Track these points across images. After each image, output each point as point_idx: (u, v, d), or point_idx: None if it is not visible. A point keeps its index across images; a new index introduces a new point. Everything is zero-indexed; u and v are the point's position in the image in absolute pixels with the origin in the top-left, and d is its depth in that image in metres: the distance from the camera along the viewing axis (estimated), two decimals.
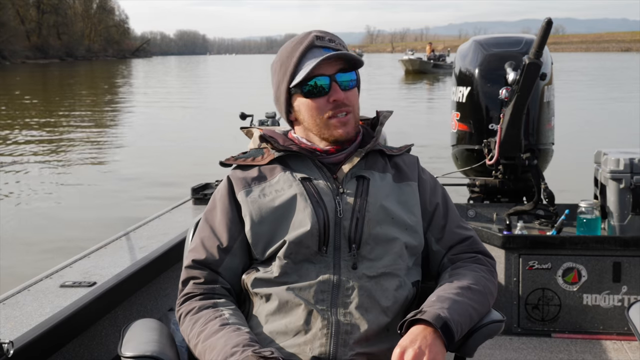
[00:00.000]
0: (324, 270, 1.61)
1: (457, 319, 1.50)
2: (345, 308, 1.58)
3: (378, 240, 1.64)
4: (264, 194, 1.68)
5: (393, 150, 1.81)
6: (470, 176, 4.29)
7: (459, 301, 1.55)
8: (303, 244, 1.61)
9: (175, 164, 11.62)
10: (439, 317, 1.47)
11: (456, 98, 4.26)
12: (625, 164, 3.57)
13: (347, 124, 1.69)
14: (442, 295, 1.57)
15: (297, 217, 1.63)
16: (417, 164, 1.82)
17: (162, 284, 2.92)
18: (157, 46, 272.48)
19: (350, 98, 1.69)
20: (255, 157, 1.76)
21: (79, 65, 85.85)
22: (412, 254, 1.70)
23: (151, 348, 1.56)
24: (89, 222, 7.77)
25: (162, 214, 3.57)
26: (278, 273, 1.62)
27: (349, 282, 1.59)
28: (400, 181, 1.74)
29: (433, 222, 1.75)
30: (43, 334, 2.03)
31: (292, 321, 1.58)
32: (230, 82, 40.48)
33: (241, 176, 1.73)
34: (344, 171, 1.71)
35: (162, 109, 22.15)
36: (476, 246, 1.76)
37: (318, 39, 1.68)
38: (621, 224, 3.63)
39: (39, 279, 2.51)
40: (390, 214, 1.66)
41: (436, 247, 1.75)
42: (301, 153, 1.72)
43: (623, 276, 3.41)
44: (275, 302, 1.61)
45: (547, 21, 3.40)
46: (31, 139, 15.08)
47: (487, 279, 1.67)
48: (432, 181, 1.81)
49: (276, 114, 3.92)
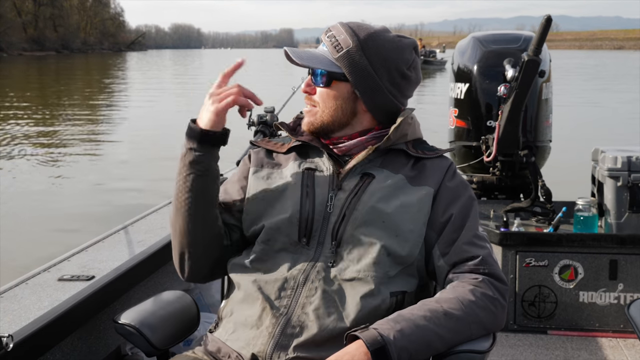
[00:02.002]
0: (300, 263, 1.58)
1: (404, 345, 1.36)
2: (303, 309, 1.52)
3: (357, 242, 1.57)
4: (269, 176, 1.73)
5: (420, 152, 1.70)
6: (467, 173, 4.29)
7: (420, 325, 1.41)
8: (281, 231, 1.61)
9: (173, 157, 11.58)
10: (376, 340, 1.35)
11: (454, 94, 4.26)
12: (622, 162, 3.58)
13: (309, 114, 1.72)
14: (404, 314, 1.44)
15: (282, 204, 1.65)
16: (446, 170, 1.68)
17: (160, 278, 2.91)
18: (151, 39, 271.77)
19: (321, 93, 1.70)
20: (281, 143, 1.80)
21: (75, 58, 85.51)
22: (398, 262, 1.57)
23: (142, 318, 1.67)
24: (84, 215, 7.76)
25: (160, 207, 3.56)
26: (253, 257, 1.63)
27: (317, 281, 1.54)
28: (415, 184, 1.63)
29: (443, 235, 1.60)
30: (42, 328, 2.02)
31: (248, 313, 1.57)
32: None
33: (260, 156, 1.79)
34: (350, 166, 1.67)
35: (159, 101, 22.11)
36: (484, 267, 1.56)
37: (326, 32, 1.72)
38: (618, 221, 3.64)
39: (37, 272, 2.50)
40: (382, 217, 1.58)
41: (440, 262, 1.59)
42: (312, 144, 1.73)
43: (619, 274, 3.42)
44: (242, 291, 1.62)
45: (547, 18, 3.40)
46: (28, 132, 15.02)
47: (478, 306, 1.48)
48: (457, 191, 1.65)
49: (275, 108, 3.89)
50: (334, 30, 1.70)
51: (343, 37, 1.68)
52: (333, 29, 1.71)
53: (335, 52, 1.67)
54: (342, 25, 1.70)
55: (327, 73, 1.68)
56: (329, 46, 1.69)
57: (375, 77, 1.66)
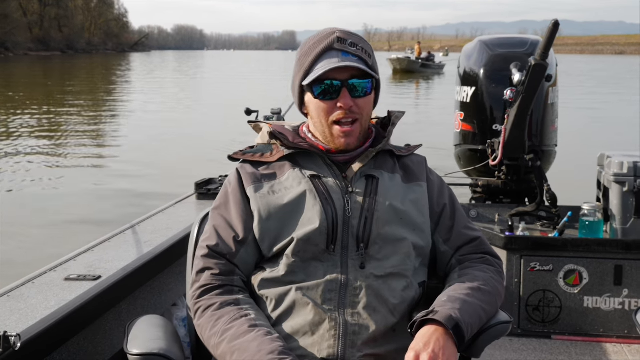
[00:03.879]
0: (331, 269, 1.60)
1: (467, 320, 1.49)
2: (353, 308, 1.56)
3: (386, 240, 1.63)
4: (273, 190, 1.67)
5: (402, 151, 1.80)
6: (473, 176, 4.29)
7: (470, 302, 1.54)
8: (311, 242, 1.60)
9: (178, 158, 11.61)
10: (450, 318, 1.46)
11: (460, 98, 4.26)
12: (629, 167, 3.58)
13: (351, 134, 1.67)
14: (453, 295, 1.56)
15: (306, 215, 1.62)
16: (425, 165, 1.81)
17: (165, 279, 2.91)
18: (154, 40, 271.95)
19: (360, 105, 1.66)
20: (264, 152, 1.75)
21: (80, 58, 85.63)
22: (420, 254, 1.69)
23: (157, 345, 1.56)
24: (90, 215, 7.76)
25: (166, 208, 3.57)
26: (285, 272, 1.60)
27: (356, 281, 1.58)
28: (409, 182, 1.73)
29: (441, 223, 1.75)
30: (48, 328, 2.02)
31: (299, 322, 1.57)
32: (232, 77, 40.42)
33: (250, 171, 1.71)
34: (354, 170, 1.70)
35: (164, 104, 22.09)
36: (484, 247, 1.76)
37: (339, 42, 1.65)
38: (623, 227, 3.64)
39: (43, 272, 2.51)
40: (399, 214, 1.65)
41: (444, 247, 1.74)
42: (311, 151, 1.72)
43: (624, 279, 3.41)
44: (282, 303, 1.60)
45: (554, 23, 3.40)
46: (33, 132, 15.04)
47: (495, 280, 1.67)
48: (440, 182, 1.81)
49: (281, 110, 3.90)
50: (349, 38, 1.67)
51: (364, 44, 1.68)
52: (346, 36, 1.67)
53: (369, 60, 1.68)
54: (350, 33, 1.69)
55: (371, 81, 1.69)
56: (361, 54, 1.66)
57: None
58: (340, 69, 1.63)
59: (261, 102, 5.33)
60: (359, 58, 1.66)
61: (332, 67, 1.62)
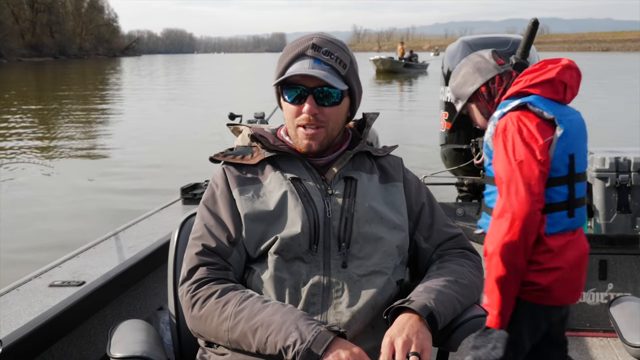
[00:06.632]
0: (314, 270, 1.62)
1: (441, 310, 1.53)
2: (335, 308, 1.59)
3: (367, 239, 1.65)
4: (257, 194, 1.68)
5: (379, 152, 1.83)
6: (458, 175, 4.31)
7: (445, 293, 1.58)
8: (295, 242, 1.62)
9: (164, 162, 11.61)
10: (425, 307, 1.50)
11: (444, 98, 4.28)
12: (610, 163, 3.61)
13: (314, 137, 1.67)
14: (429, 286, 1.59)
15: (289, 216, 1.64)
16: (401, 165, 1.84)
17: (150, 283, 2.92)
18: (144, 44, 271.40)
19: (326, 113, 1.66)
20: (244, 155, 1.76)
21: (72, 64, 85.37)
22: (400, 252, 1.71)
23: (140, 348, 1.56)
24: (76, 221, 7.75)
25: (151, 213, 3.57)
26: (270, 272, 1.62)
27: (338, 283, 1.61)
28: (386, 182, 1.77)
29: (420, 222, 1.78)
30: (32, 333, 2.03)
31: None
32: (219, 81, 40.39)
33: (235, 174, 1.73)
34: (333, 172, 1.72)
35: (154, 107, 22.05)
36: (463, 243, 1.80)
37: (313, 48, 1.67)
38: (607, 222, 3.67)
39: (27, 279, 2.51)
40: (379, 214, 1.68)
41: (425, 245, 1.77)
42: (291, 154, 1.73)
43: (609, 274, 3.44)
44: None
45: (534, 22, 3.42)
46: (23, 135, 15.00)
47: (473, 274, 1.71)
48: (417, 182, 1.84)
49: (265, 114, 3.91)
50: (325, 46, 1.68)
51: (340, 53, 1.69)
52: (322, 44, 1.68)
53: (342, 70, 1.68)
54: (328, 41, 1.69)
55: (341, 92, 1.69)
56: (333, 63, 1.67)
57: (361, 88, 1.78)
58: (309, 75, 1.64)
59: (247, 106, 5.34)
60: (330, 67, 1.67)
61: (297, 74, 1.64)
